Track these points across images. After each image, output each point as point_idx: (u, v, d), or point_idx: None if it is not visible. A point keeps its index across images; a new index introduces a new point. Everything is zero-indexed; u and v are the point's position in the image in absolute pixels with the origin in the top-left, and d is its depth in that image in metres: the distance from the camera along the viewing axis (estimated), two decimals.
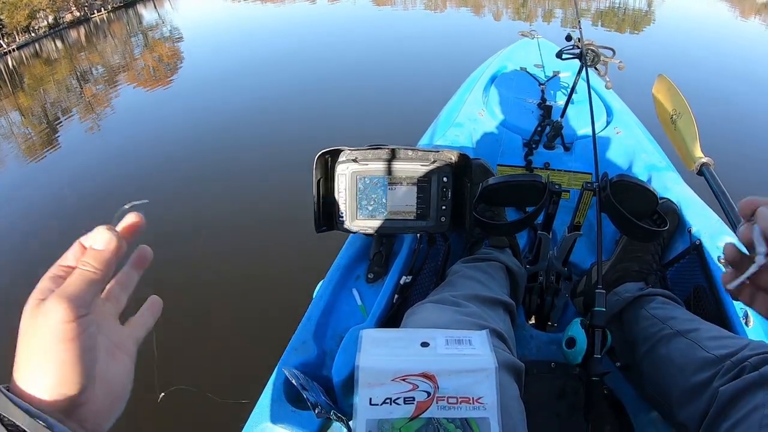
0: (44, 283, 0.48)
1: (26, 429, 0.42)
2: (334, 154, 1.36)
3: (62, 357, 0.45)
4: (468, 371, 0.74)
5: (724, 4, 12.92)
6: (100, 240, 0.50)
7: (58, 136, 8.00)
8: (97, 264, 0.49)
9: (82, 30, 25.59)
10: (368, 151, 1.36)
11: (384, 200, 1.39)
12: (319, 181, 1.35)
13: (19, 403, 0.43)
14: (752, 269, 0.56)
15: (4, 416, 0.43)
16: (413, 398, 0.71)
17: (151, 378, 0.82)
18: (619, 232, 1.53)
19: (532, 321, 1.59)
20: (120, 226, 0.54)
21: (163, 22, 21.01)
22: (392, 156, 1.36)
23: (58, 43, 22.30)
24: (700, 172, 1.69)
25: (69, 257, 0.51)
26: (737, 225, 1.45)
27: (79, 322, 0.46)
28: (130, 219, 0.55)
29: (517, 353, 1.10)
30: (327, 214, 1.41)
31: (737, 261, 0.60)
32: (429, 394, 0.71)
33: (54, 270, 0.50)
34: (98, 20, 28.90)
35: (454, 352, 0.77)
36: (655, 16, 12.17)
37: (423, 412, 0.71)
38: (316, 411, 1.01)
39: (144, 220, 0.56)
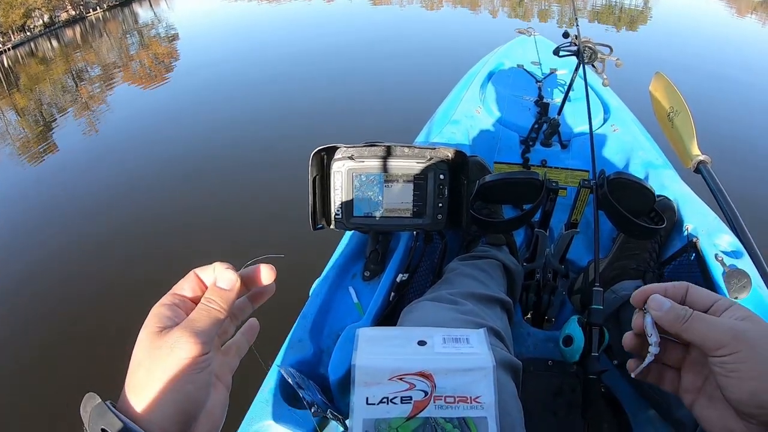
0: (162, 310, 0.49)
1: None
2: (330, 152, 1.36)
3: (186, 390, 0.47)
4: (465, 370, 0.73)
5: (721, 2, 12.93)
6: (226, 280, 0.52)
7: (53, 135, 7.97)
8: (224, 303, 0.51)
9: (77, 29, 25.50)
10: (364, 148, 1.35)
11: (380, 198, 1.39)
12: (315, 179, 1.34)
13: (129, 425, 0.44)
14: (648, 360, 0.58)
15: None
16: (410, 397, 0.70)
17: None
18: (617, 229, 1.52)
19: (529, 318, 1.58)
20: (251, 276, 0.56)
21: (159, 21, 20.96)
22: (388, 153, 1.36)
23: (54, 42, 22.23)
24: (698, 170, 1.69)
25: (185, 288, 0.53)
26: (734, 222, 1.46)
27: (204, 358, 0.48)
28: (267, 278, 0.57)
29: (514, 351, 1.10)
30: (323, 212, 1.40)
31: (636, 348, 0.62)
32: (426, 393, 0.71)
33: (171, 299, 0.51)
34: (94, 19, 28.80)
35: (451, 351, 0.76)
36: (651, 14, 12.18)
37: (420, 412, 0.70)
38: (312, 410, 1.00)
39: (274, 286, 0.59)
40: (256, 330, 0.64)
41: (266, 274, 0.56)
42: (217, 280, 0.52)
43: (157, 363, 0.46)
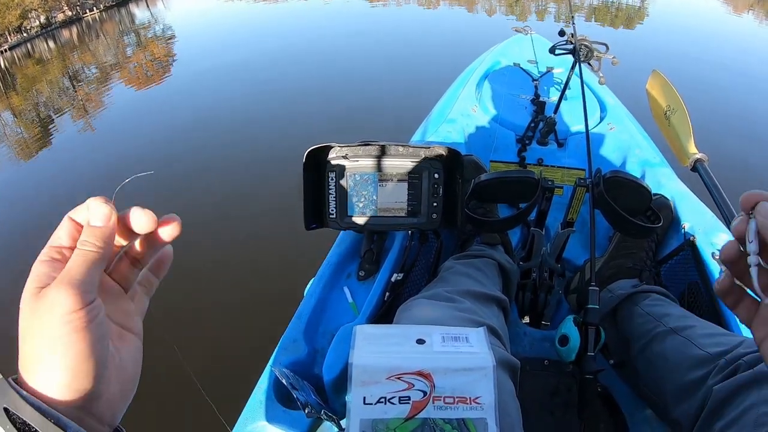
0: (40, 267, 0.43)
1: (38, 429, 0.39)
2: (324, 151, 1.35)
3: (74, 349, 0.41)
4: (465, 370, 0.72)
5: (717, 0, 12.96)
6: (98, 215, 0.45)
7: (51, 136, 7.96)
8: (99, 242, 0.45)
9: (74, 30, 25.48)
10: (359, 147, 1.34)
11: (374, 197, 1.38)
12: (309, 178, 1.34)
13: (30, 400, 0.40)
14: (753, 272, 0.51)
15: (13, 413, 0.39)
16: (409, 398, 0.69)
17: None
18: (613, 228, 1.52)
19: (526, 318, 1.58)
20: (143, 220, 0.49)
21: (156, 21, 20.94)
22: (383, 152, 1.35)
23: (51, 43, 22.20)
24: (694, 168, 1.68)
25: (62, 236, 0.46)
26: (731, 220, 1.45)
27: (88, 309, 0.42)
28: (171, 225, 0.50)
29: (510, 350, 1.09)
30: (317, 211, 1.39)
31: (734, 259, 0.54)
32: (425, 393, 0.70)
33: (48, 252, 0.45)
34: (90, 19, 28.78)
35: (450, 350, 0.75)
36: (648, 12, 12.20)
37: (419, 413, 0.70)
38: (307, 411, 0.99)
39: (180, 228, 0.51)
40: (168, 261, 0.57)
41: (144, 222, 0.48)
42: (90, 218, 0.45)
43: (39, 328, 0.41)
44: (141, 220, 0.48)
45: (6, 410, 0.39)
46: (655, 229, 1.27)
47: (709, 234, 1.42)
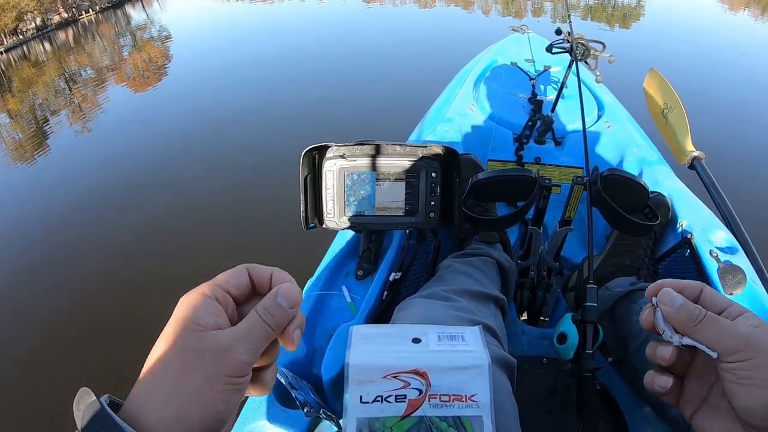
0: (203, 303, 0.44)
1: None
2: (321, 151, 1.35)
3: (218, 409, 0.41)
4: (461, 368, 0.72)
5: None
6: (290, 298, 0.46)
7: (47, 139, 7.95)
8: (281, 322, 0.46)
9: (70, 31, 25.45)
10: (356, 147, 1.34)
11: (372, 196, 1.38)
12: (306, 178, 1.34)
13: None
14: (673, 347, 0.54)
15: None
16: (405, 396, 0.69)
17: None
18: (610, 226, 1.52)
19: (524, 316, 1.58)
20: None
21: (152, 23, 20.93)
22: (380, 152, 1.35)
23: (47, 45, 22.17)
24: (692, 166, 1.69)
25: (231, 283, 0.47)
26: (729, 218, 1.45)
27: (246, 378, 0.43)
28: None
29: (508, 349, 1.09)
30: (315, 211, 1.39)
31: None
32: (421, 391, 0.70)
33: (213, 290, 0.45)
34: (86, 21, 28.75)
35: (446, 349, 0.75)
36: (645, 10, 12.21)
37: (415, 411, 0.70)
38: (305, 410, 0.99)
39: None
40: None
41: (292, 302, 0.47)
42: (280, 292, 0.46)
43: (193, 369, 0.40)
44: (291, 298, 0.47)
45: None
46: (652, 227, 1.27)
47: (707, 231, 1.42)
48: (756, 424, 0.46)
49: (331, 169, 1.35)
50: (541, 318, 1.55)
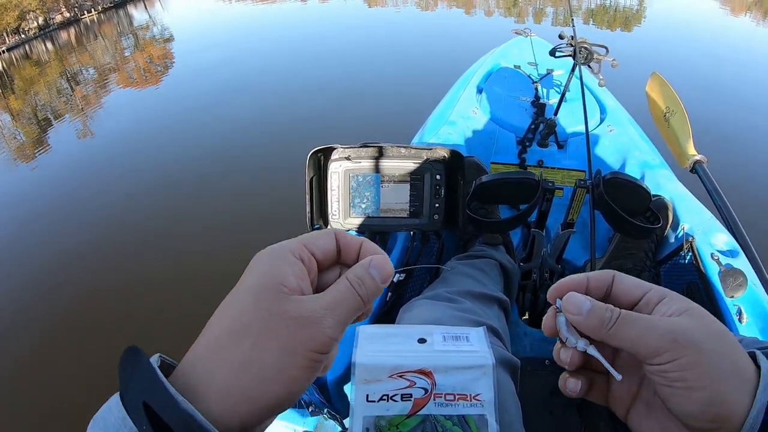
0: (288, 263, 0.39)
1: None
2: (327, 152, 1.36)
3: (291, 389, 0.36)
4: (465, 368, 0.73)
5: (715, 2, 12.96)
6: (384, 274, 0.42)
7: (48, 138, 7.95)
8: (371, 296, 0.41)
9: (72, 31, 25.45)
10: (361, 149, 1.35)
11: (377, 198, 1.39)
12: (312, 180, 1.34)
13: (193, 415, 0.32)
14: (600, 358, 0.45)
15: (155, 414, 0.32)
16: (410, 395, 0.70)
17: None
18: (613, 229, 1.53)
19: (526, 318, 1.59)
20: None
21: (154, 23, 20.93)
22: (385, 154, 1.36)
23: (49, 45, 22.17)
24: (694, 170, 1.69)
25: (318, 245, 0.42)
26: (730, 222, 1.46)
27: (328, 355, 0.39)
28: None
29: (511, 350, 1.10)
30: (320, 212, 1.40)
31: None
32: (426, 390, 0.70)
33: (299, 249, 0.40)
34: (88, 21, 28.75)
35: (451, 349, 0.76)
36: (646, 14, 12.19)
37: (420, 409, 0.70)
38: (310, 409, 1.00)
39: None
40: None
41: (386, 276, 0.42)
42: (373, 263, 0.41)
43: (274, 337, 0.35)
44: (384, 271, 0.42)
45: (146, 406, 0.32)
46: (654, 230, 1.28)
47: (708, 235, 1.43)
48: (697, 427, 0.40)
49: (337, 170, 1.36)
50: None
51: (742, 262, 1.33)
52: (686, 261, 1.47)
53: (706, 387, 0.38)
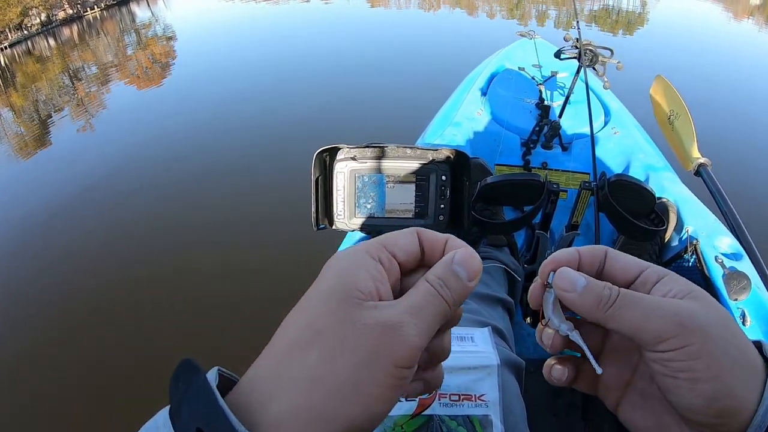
0: (365, 265, 0.35)
1: None
2: (333, 152, 1.36)
3: (374, 408, 0.32)
4: (470, 368, 0.73)
5: (718, 6, 12.95)
6: (471, 269, 0.37)
7: (50, 135, 7.95)
8: (458, 298, 0.37)
9: (75, 28, 25.45)
10: (366, 149, 1.35)
11: (382, 198, 1.39)
12: (317, 179, 1.35)
13: None
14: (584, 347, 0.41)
15: None
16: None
17: None
18: (617, 231, 1.53)
19: (529, 320, 1.59)
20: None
21: (157, 21, 20.92)
22: (390, 154, 1.36)
23: (51, 41, 22.17)
24: (698, 173, 1.69)
25: (399, 246, 0.38)
26: (734, 225, 1.46)
27: (413, 371, 0.34)
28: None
29: (515, 351, 1.10)
30: (325, 212, 1.40)
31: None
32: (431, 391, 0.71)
33: (378, 251, 0.37)
34: (91, 18, 28.74)
35: (456, 349, 0.76)
36: (649, 17, 12.18)
37: (425, 410, 0.71)
38: None
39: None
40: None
41: (474, 273, 0.38)
42: (456, 258, 0.37)
43: (349, 348, 0.31)
44: (471, 267, 0.37)
45: None
46: (658, 232, 1.28)
47: (712, 238, 1.44)
48: (699, 421, 0.35)
49: (342, 170, 1.36)
50: None
51: (746, 265, 1.34)
52: (690, 264, 1.47)
53: (713, 378, 0.33)
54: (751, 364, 0.35)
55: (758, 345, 0.38)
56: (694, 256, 1.46)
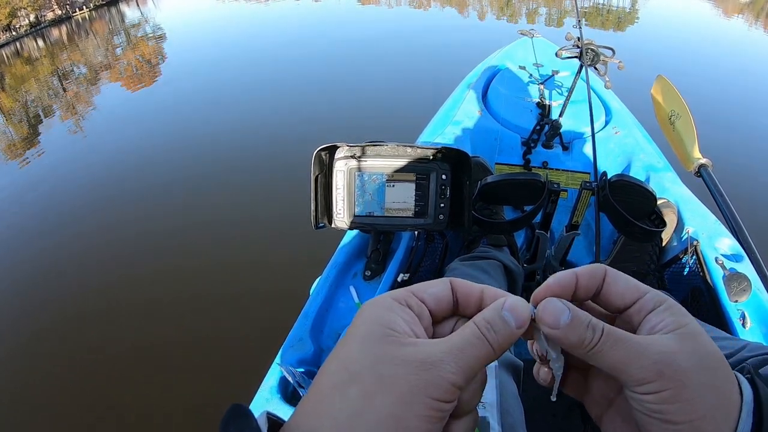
0: (392, 310, 0.36)
1: None
2: (332, 151, 1.35)
3: None
4: None
5: (708, 3, 13.04)
6: (520, 317, 0.37)
7: (39, 137, 7.89)
8: (503, 344, 0.36)
9: (63, 28, 25.34)
10: (366, 147, 1.34)
11: (381, 197, 1.38)
12: (317, 178, 1.33)
13: None
14: (557, 378, 0.41)
15: None
16: None
17: None
18: (617, 231, 1.52)
19: None
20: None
21: (146, 21, 20.85)
22: (390, 153, 1.35)
23: (40, 42, 22.06)
24: (699, 173, 1.69)
25: (429, 293, 0.39)
26: (735, 226, 1.46)
27: (452, 406, 0.34)
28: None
29: (513, 351, 1.09)
30: (325, 211, 1.39)
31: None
32: None
33: (406, 296, 0.38)
34: (80, 18, 28.61)
35: None
36: (643, 16, 12.21)
37: None
38: None
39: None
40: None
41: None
42: (507, 305, 0.37)
43: (386, 385, 0.32)
44: (520, 316, 0.37)
45: None
46: (659, 233, 1.28)
47: (713, 238, 1.43)
48: None
49: (342, 169, 1.35)
50: None
51: (746, 267, 1.33)
52: (690, 265, 1.47)
53: (687, 422, 0.34)
54: (727, 406, 0.36)
55: (750, 375, 0.39)
56: (694, 257, 1.45)
